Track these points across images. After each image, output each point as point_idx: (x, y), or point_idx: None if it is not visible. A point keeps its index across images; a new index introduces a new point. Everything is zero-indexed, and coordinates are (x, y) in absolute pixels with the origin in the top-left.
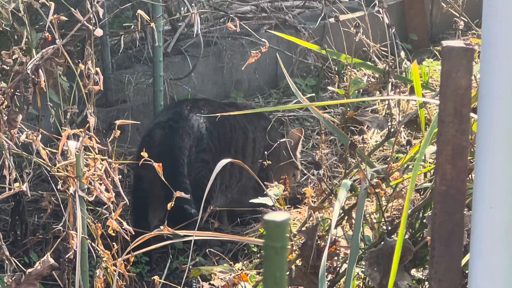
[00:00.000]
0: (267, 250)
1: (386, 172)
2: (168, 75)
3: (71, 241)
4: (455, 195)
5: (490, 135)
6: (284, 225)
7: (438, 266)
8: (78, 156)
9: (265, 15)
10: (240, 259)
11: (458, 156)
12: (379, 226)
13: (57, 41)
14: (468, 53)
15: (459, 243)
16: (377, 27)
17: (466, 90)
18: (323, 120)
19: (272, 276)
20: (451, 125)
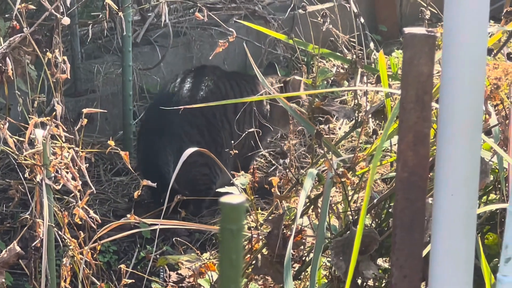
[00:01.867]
0: (223, 232)
1: (352, 161)
2: (137, 65)
3: (37, 230)
4: (416, 182)
5: (451, 122)
6: (240, 208)
7: (400, 252)
8: (45, 145)
9: (234, 5)
10: (208, 249)
11: (420, 143)
12: (345, 215)
13: (25, 29)
14: (430, 40)
15: (420, 230)
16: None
17: (428, 78)
18: (290, 110)
19: (228, 259)
20: (413, 112)
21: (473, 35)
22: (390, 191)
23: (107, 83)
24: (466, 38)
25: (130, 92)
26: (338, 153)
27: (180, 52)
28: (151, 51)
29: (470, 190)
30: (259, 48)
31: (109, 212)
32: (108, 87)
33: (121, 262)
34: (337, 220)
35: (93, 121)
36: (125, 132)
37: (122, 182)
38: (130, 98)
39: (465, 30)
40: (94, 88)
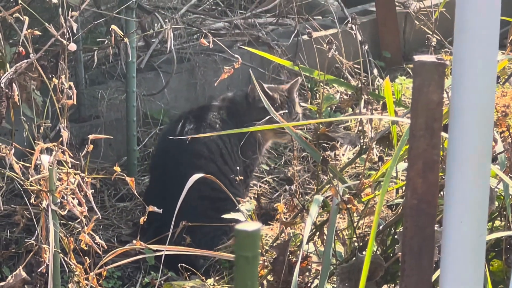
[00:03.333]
0: (238, 259)
1: (358, 188)
2: (141, 91)
3: (43, 255)
4: (426, 209)
5: (460, 150)
6: (255, 235)
7: (409, 279)
8: (51, 170)
9: (238, 31)
10: (212, 275)
11: (429, 170)
12: (350, 242)
13: (31, 55)
14: (440, 68)
15: (429, 257)
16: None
17: (437, 105)
18: (295, 136)
19: (244, 286)
20: (422, 139)
21: (483, 63)
22: (395, 217)
23: (111, 109)
24: (475, 66)
25: (134, 118)
26: (344, 179)
27: (184, 78)
28: (155, 77)
29: (479, 217)
30: (263, 74)
31: (113, 237)
32: (112, 113)
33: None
34: (342, 246)
35: (97, 147)
36: (129, 158)
37: (126, 208)
38: (134, 124)
39: (475, 58)
40: (98, 114)
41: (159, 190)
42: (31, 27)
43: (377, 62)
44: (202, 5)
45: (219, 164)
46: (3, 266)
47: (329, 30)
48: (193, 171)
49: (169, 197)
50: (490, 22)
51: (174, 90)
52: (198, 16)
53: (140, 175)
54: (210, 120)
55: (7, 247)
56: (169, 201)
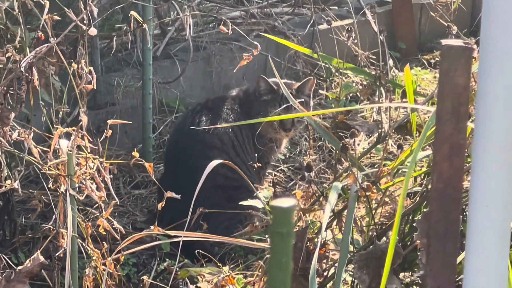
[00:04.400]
0: (273, 236)
1: (377, 175)
2: (157, 78)
3: (61, 240)
4: (451, 193)
5: (487, 133)
6: (291, 211)
7: (434, 263)
8: (70, 155)
9: (254, 21)
10: (227, 263)
11: (455, 155)
12: (368, 229)
13: (51, 40)
14: (467, 52)
15: (454, 241)
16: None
17: (464, 89)
18: (314, 124)
19: (277, 262)
20: (449, 123)
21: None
22: (413, 205)
23: (126, 96)
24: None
25: (150, 105)
26: (362, 167)
27: (200, 67)
28: (171, 65)
29: (505, 202)
30: (279, 63)
31: (128, 224)
32: (128, 100)
33: (140, 274)
34: (359, 234)
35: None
36: (144, 145)
37: (141, 195)
38: (150, 112)
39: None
40: (114, 101)
41: (172, 180)
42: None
43: (392, 53)
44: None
45: (232, 156)
46: (19, 252)
47: (344, 20)
48: (205, 162)
49: (182, 187)
50: None
51: (189, 78)
52: (214, 4)
53: (155, 163)
54: (224, 112)
55: (23, 233)
56: (181, 191)
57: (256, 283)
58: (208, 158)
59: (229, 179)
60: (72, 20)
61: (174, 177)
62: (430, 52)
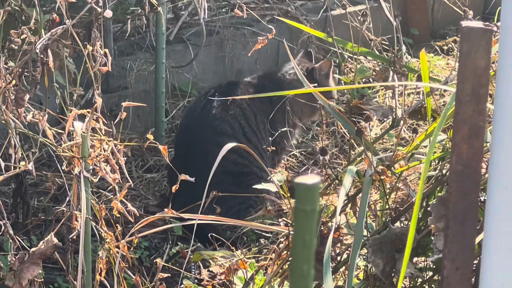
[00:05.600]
0: (297, 213)
1: (392, 159)
2: (169, 63)
3: (74, 222)
4: (470, 175)
5: (507, 116)
6: (315, 188)
7: (452, 245)
8: (85, 137)
9: (267, 6)
10: (239, 247)
11: (475, 136)
12: (382, 214)
13: (66, 21)
14: (487, 34)
15: (473, 223)
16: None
17: (484, 71)
18: (328, 107)
19: (301, 239)
20: (469, 105)
21: None
22: (428, 190)
23: (139, 80)
24: None
25: (162, 89)
26: (376, 151)
27: (213, 51)
28: (184, 49)
29: None
30: (292, 49)
31: (140, 208)
32: (140, 84)
33: (152, 258)
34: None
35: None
36: (157, 129)
37: (153, 179)
38: (162, 96)
39: None
40: (127, 85)
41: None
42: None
43: (405, 39)
44: None
45: (242, 142)
46: (31, 235)
47: (357, 6)
48: (215, 148)
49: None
50: None
51: (202, 62)
52: None
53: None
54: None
55: (36, 215)
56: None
57: (269, 267)
58: (218, 144)
59: (239, 165)
60: (85, 3)
61: (184, 162)
62: (442, 39)
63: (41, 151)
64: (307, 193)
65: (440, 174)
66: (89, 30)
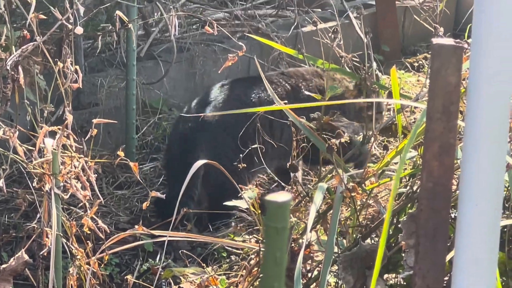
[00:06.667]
0: (268, 230)
1: (362, 176)
2: (140, 79)
3: (44, 239)
4: (441, 192)
5: (477, 133)
6: (286, 206)
7: (423, 262)
8: (56, 154)
9: (238, 22)
10: (210, 264)
11: (445, 153)
12: (353, 230)
13: (37, 38)
14: (458, 51)
15: (444, 240)
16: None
17: (455, 88)
18: (299, 124)
19: (273, 257)
20: (439, 122)
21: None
22: (399, 207)
23: (110, 97)
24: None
25: (133, 106)
26: (347, 168)
27: (183, 68)
28: (154, 66)
29: (495, 201)
30: (262, 65)
31: (111, 224)
32: (111, 101)
33: (123, 275)
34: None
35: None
36: (127, 146)
37: (124, 196)
38: (133, 112)
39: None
40: (97, 101)
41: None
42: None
43: (375, 56)
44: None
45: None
46: (2, 251)
47: (328, 22)
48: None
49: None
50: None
51: (173, 79)
52: (198, 6)
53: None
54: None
55: (6, 232)
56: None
57: (239, 284)
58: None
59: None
60: (56, 19)
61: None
62: (413, 56)
63: (11, 168)
64: (278, 210)
65: (411, 191)
66: (60, 47)
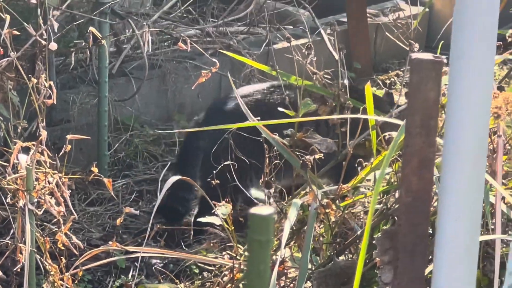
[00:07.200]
0: (252, 243)
1: (336, 193)
2: (112, 96)
3: (18, 255)
4: (420, 206)
5: (456, 148)
6: (269, 219)
7: (402, 276)
8: (30, 170)
9: (209, 39)
10: (183, 280)
11: (424, 168)
12: (327, 247)
13: (11, 54)
14: (437, 66)
15: (422, 255)
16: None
17: (434, 103)
18: (272, 140)
19: (256, 270)
20: (418, 136)
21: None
22: (373, 223)
23: (82, 114)
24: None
25: (105, 123)
26: (321, 185)
27: (155, 85)
28: (126, 83)
29: (473, 216)
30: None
31: (83, 241)
32: (83, 118)
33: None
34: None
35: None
36: (99, 162)
37: (96, 212)
38: (105, 129)
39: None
40: (69, 118)
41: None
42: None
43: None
44: (174, 12)
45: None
46: None
47: (300, 40)
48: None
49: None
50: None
51: (145, 96)
52: (170, 23)
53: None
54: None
55: None
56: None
57: None
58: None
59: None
60: (29, 36)
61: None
62: (385, 73)
63: None
64: (261, 223)
65: (385, 208)
66: (33, 63)
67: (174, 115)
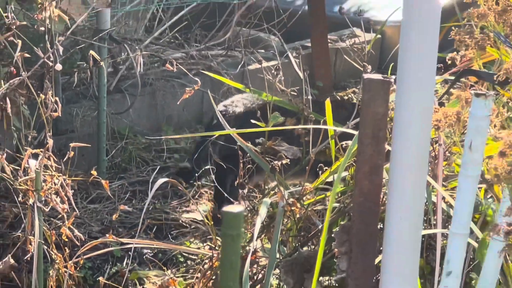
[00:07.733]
0: (225, 237)
1: (301, 193)
2: (109, 110)
3: (28, 246)
4: (371, 207)
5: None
6: (240, 216)
7: (355, 266)
8: (38, 173)
9: (193, 61)
10: (169, 267)
11: (375, 173)
12: (292, 239)
13: (23, 74)
14: (385, 85)
15: (373, 247)
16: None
17: (383, 117)
18: (246, 148)
19: (228, 261)
20: (369, 146)
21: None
22: (332, 219)
23: (84, 125)
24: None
25: (104, 132)
26: (288, 186)
27: (146, 100)
28: (122, 98)
29: (416, 215)
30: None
31: (84, 234)
32: (85, 128)
33: (95, 277)
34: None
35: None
36: (99, 166)
37: (96, 209)
38: (103, 138)
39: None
40: (73, 128)
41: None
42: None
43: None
44: (163, 38)
45: None
46: None
47: (270, 62)
48: None
49: None
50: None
51: (137, 109)
52: (159, 47)
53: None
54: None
55: None
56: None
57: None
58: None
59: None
60: (38, 58)
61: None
62: (343, 90)
63: None
64: (233, 220)
65: (342, 206)
66: (41, 81)
67: (163, 126)
